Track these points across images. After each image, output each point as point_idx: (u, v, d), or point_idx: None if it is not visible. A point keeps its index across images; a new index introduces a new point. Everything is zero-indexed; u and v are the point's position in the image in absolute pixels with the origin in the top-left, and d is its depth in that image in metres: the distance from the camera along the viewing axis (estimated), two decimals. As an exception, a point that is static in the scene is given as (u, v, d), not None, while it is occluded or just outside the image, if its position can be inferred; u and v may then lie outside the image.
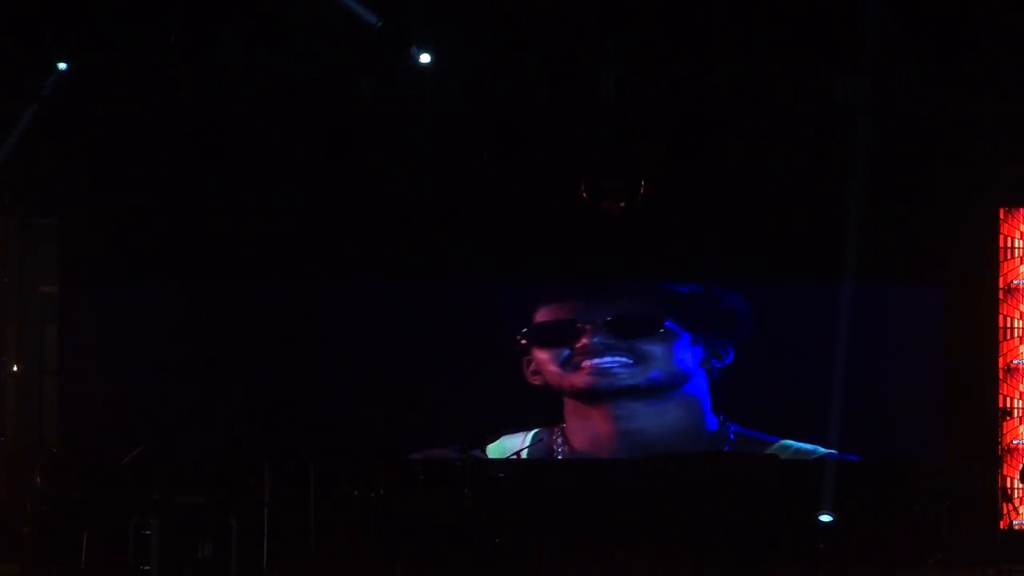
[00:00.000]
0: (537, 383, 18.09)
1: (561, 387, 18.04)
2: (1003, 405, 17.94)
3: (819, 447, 17.86)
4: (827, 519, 16.91)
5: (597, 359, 17.99)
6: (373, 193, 17.81)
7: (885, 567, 16.83)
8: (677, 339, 18.07)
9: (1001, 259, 18.11)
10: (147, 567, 15.75)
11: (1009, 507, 17.56)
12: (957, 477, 17.22)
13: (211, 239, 17.98)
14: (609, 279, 18.09)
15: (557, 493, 17.50)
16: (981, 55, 16.91)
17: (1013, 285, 18.10)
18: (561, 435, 18.12)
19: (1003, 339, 18.09)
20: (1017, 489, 17.83)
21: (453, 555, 16.30)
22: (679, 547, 16.62)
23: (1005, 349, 18.10)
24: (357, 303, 18.09)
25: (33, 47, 16.78)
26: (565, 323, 18.10)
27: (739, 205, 17.80)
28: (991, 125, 17.27)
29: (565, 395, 18.06)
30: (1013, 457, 17.94)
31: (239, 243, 17.97)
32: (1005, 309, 18.08)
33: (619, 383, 17.99)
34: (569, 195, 17.51)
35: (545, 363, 18.07)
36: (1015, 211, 18.13)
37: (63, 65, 16.89)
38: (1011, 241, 18.13)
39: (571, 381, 18.02)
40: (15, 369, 18.35)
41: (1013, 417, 17.98)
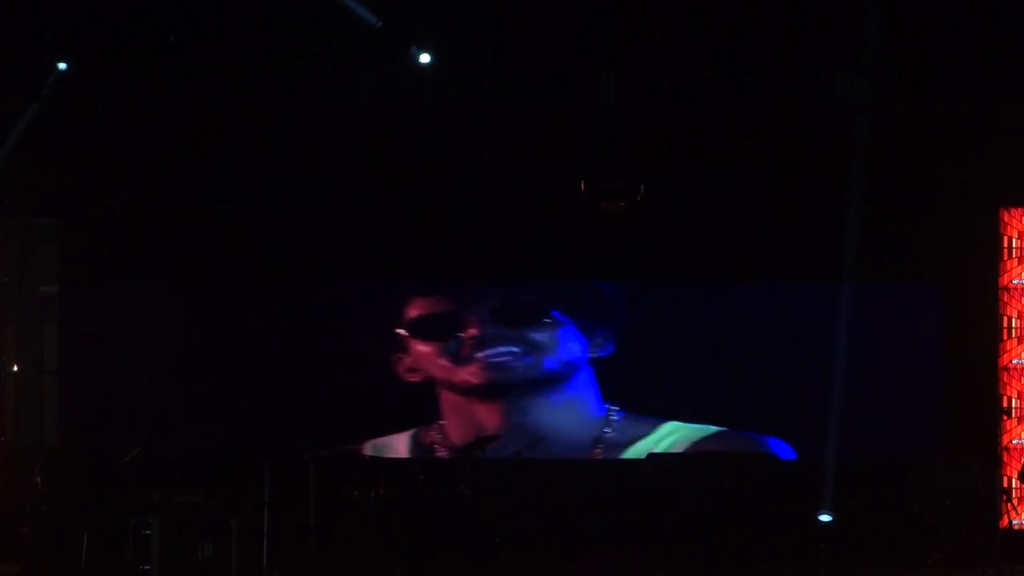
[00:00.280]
0: (414, 380, 17.88)
1: (450, 382, 17.82)
2: (1003, 405, 17.94)
3: (709, 426, 17.75)
4: (827, 519, 16.92)
5: (490, 349, 17.74)
6: (373, 193, 17.80)
7: (885, 567, 16.84)
8: (563, 327, 17.91)
9: (1001, 259, 18.11)
10: (147, 567, 15.71)
11: (1009, 507, 17.55)
12: (957, 477, 17.18)
13: (211, 239, 17.98)
14: (610, 280, 18.08)
15: (557, 493, 17.49)
16: (981, 55, 16.92)
17: (1013, 285, 18.10)
18: (440, 433, 17.83)
19: (1003, 339, 18.09)
20: (1016, 489, 17.83)
21: (453, 555, 16.29)
22: (679, 547, 16.59)
23: (1005, 349, 18.10)
24: (357, 303, 18.08)
25: (33, 47, 16.80)
26: (445, 315, 17.80)
27: (739, 205, 17.80)
28: (991, 125, 17.29)
29: (453, 391, 17.84)
30: (1013, 457, 17.94)
31: (239, 243, 17.97)
32: (1005, 309, 18.09)
33: (516, 377, 17.79)
34: (569, 195, 17.50)
35: (430, 357, 17.87)
36: (1015, 211, 18.13)
37: (63, 65, 16.91)
38: (1011, 241, 18.13)
39: (463, 377, 17.78)
40: (15, 369, 18.33)
41: (1013, 417, 17.99)
